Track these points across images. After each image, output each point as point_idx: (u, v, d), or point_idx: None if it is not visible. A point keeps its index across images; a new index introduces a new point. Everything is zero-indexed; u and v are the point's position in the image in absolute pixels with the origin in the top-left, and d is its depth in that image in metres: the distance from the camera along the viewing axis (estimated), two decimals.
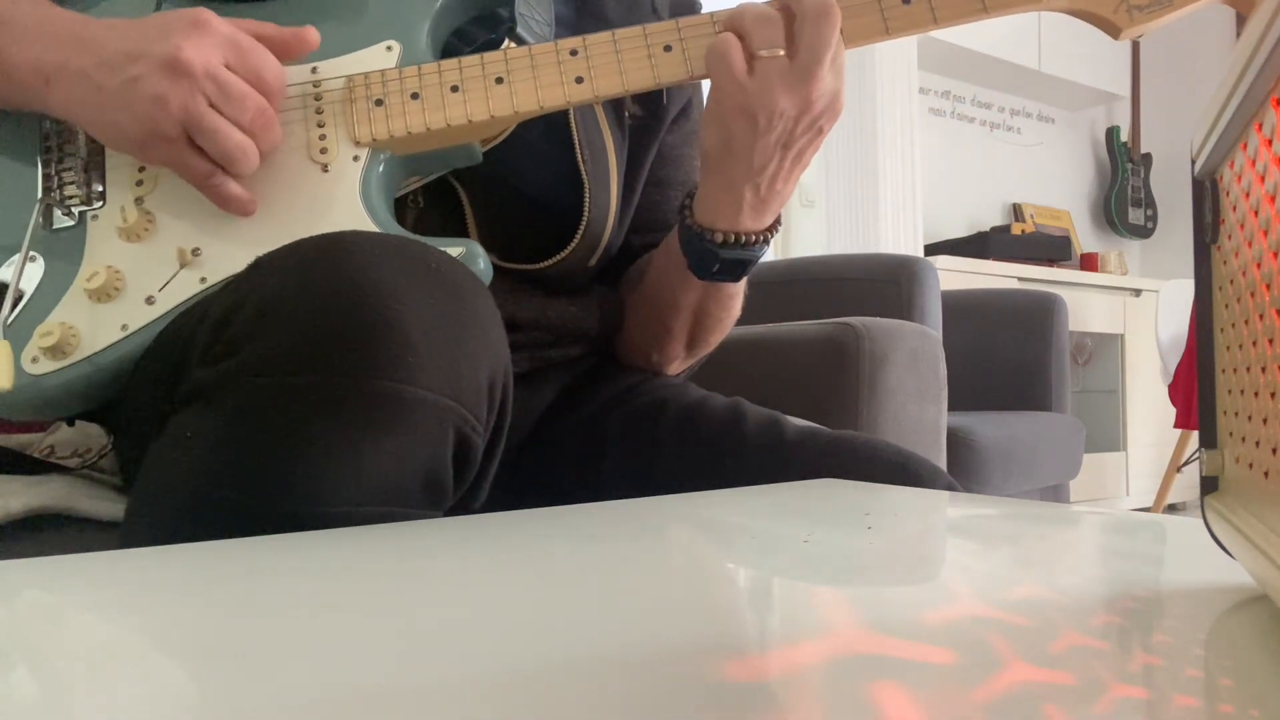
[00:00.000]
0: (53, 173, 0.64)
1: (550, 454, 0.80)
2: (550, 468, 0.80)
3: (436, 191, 0.72)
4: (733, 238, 0.72)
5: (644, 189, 0.85)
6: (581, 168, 0.74)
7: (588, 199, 0.74)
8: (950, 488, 0.74)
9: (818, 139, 0.69)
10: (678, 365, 0.87)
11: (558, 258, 0.74)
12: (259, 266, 0.54)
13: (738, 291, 0.81)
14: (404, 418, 0.49)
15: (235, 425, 0.49)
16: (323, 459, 0.48)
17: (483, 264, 0.61)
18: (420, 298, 0.50)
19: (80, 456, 0.68)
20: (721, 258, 0.73)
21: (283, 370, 0.48)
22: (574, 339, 0.82)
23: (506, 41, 0.72)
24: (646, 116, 0.82)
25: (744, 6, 0.66)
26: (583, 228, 0.74)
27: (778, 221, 0.75)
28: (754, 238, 0.73)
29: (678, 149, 0.88)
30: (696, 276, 0.75)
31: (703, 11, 0.71)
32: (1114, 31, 0.69)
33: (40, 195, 0.64)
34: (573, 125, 0.74)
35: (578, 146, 0.74)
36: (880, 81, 3.14)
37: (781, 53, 0.64)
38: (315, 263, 0.51)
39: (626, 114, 0.80)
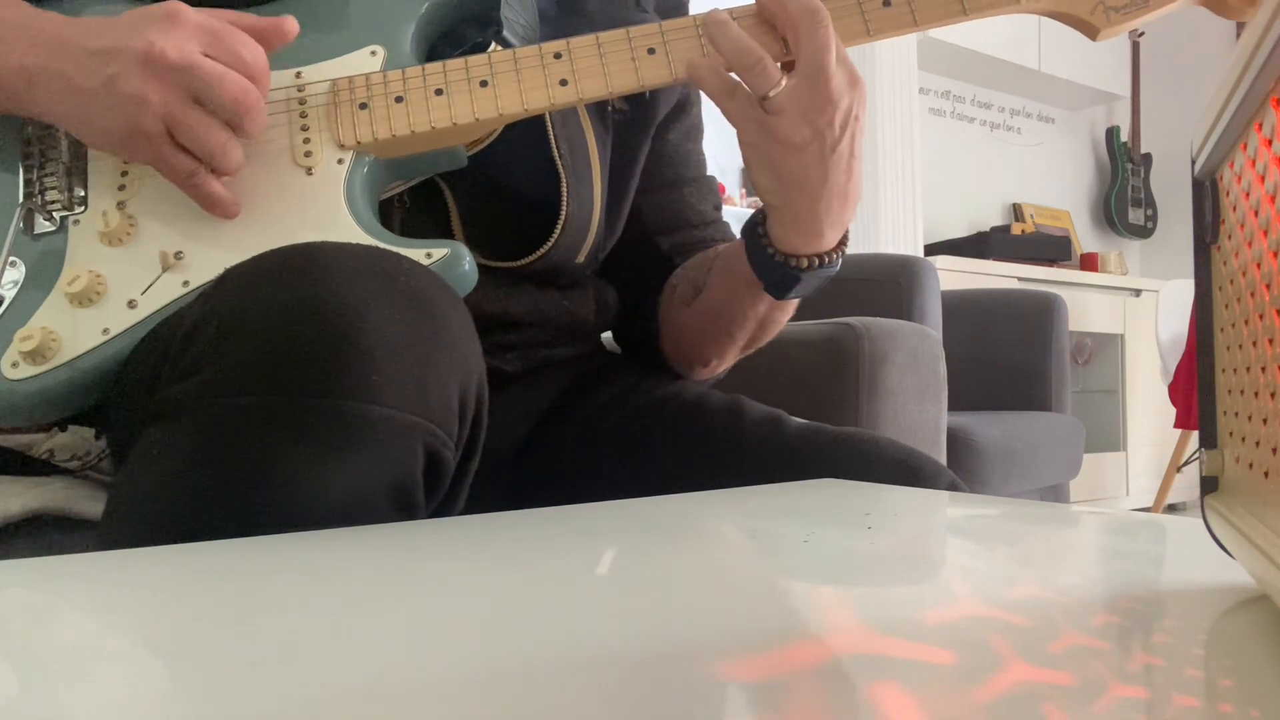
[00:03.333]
0: (34, 178, 0.63)
1: (549, 454, 0.80)
2: (549, 467, 0.80)
3: (423, 192, 0.72)
4: (818, 262, 0.71)
5: (660, 190, 0.85)
6: (558, 162, 0.74)
7: (565, 193, 0.73)
8: (953, 485, 0.74)
9: (858, 125, 0.68)
10: (729, 364, 0.87)
11: (539, 253, 0.73)
12: (225, 280, 0.53)
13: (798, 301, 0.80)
14: (369, 437, 0.48)
15: (198, 446, 0.49)
16: (286, 480, 0.48)
17: (467, 265, 0.60)
18: (386, 312, 0.49)
19: (80, 459, 0.68)
20: (803, 280, 0.72)
21: (244, 391, 0.48)
22: (570, 335, 0.82)
23: (493, 45, 0.72)
24: (632, 112, 0.82)
25: (719, 57, 0.64)
26: (561, 221, 0.73)
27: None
28: (835, 253, 0.72)
29: (682, 145, 0.88)
30: (775, 297, 0.75)
31: (689, 10, 0.71)
32: (1091, 33, 0.69)
33: (21, 200, 0.63)
34: (548, 121, 0.74)
35: (553, 141, 0.74)
36: (880, 81, 3.14)
37: (784, 82, 0.64)
38: (278, 278, 0.50)
39: (610, 108, 0.80)
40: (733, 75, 0.65)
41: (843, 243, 0.73)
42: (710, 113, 0.93)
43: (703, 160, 0.91)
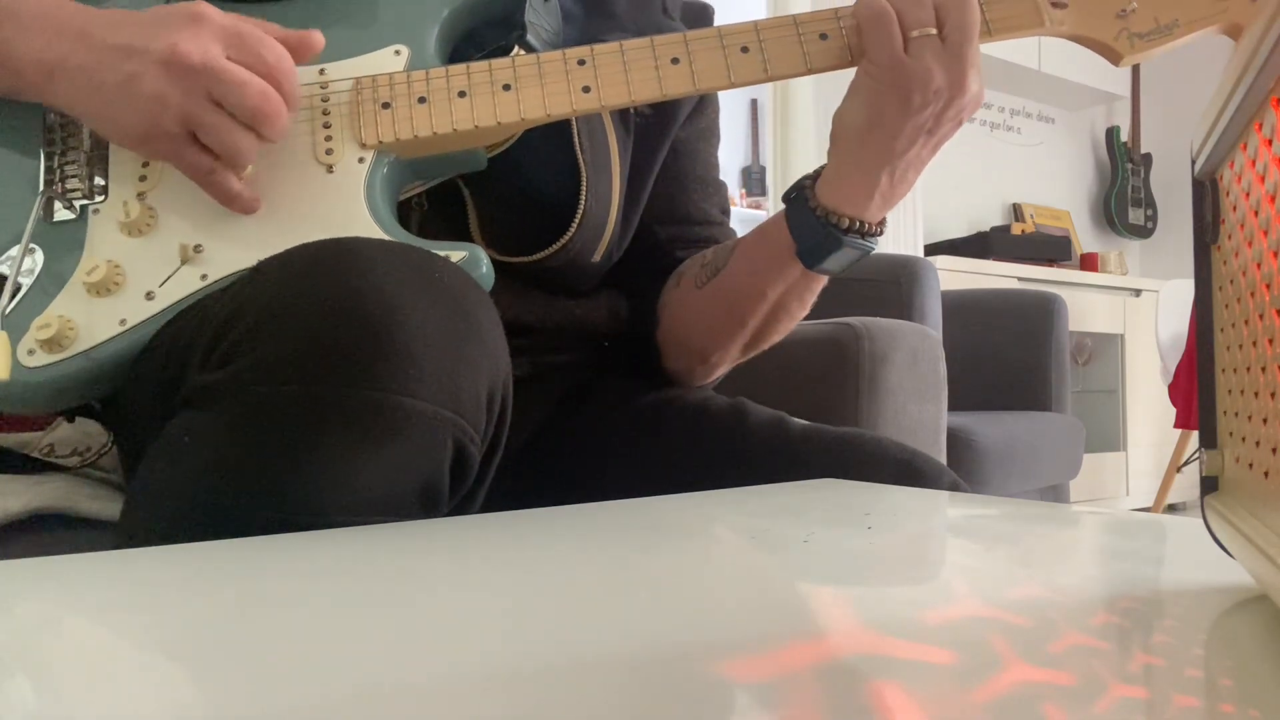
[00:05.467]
0: (55, 165, 0.64)
1: (553, 456, 0.80)
2: (553, 469, 0.80)
3: (440, 192, 0.72)
4: (857, 224, 0.70)
5: (661, 183, 0.84)
6: (579, 157, 0.73)
7: (584, 188, 0.73)
8: (955, 485, 0.74)
9: (956, 130, 0.68)
10: (725, 368, 0.85)
11: (555, 247, 0.73)
12: (260, 271, 0.53)
13: (819, 287, 0.78)
14: (402, 429, 0.49)
15: (232, 432, 0.49)
16: (319, 469, 0.48)
17: (485, 269, 0.61)
18: (421, 307, 0.50)
19: (80, 455, 0.68)
20: (844, 244, 0.71)
21: (281, 379, 0.48)
22: (579, 343, 0.82)
23: (516, 49, 0.72)
24: (654, 116, 0.81)
25: None
26: (579, 216, 0.73)
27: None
28: (874, 229, 0.71)
29: (691, 144, 0.87)
30: (805, 264, 0.73)
31: (713, 18, 0.71)
32: (1114, 58, 0.69)
33: (42, 188, 0.63)
34: (572, 119, 0.74)
35: (576, 136, 0.74)
36: None
37: (933, 31, 0.64)
38: (316, 270, 0.51)
39: (633, 112, 0.80)
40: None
41: (882, 224, 0.72)
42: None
43: (713, 163, 0.91)
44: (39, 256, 0.62)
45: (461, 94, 0.65)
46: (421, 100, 0.65)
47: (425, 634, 0.28)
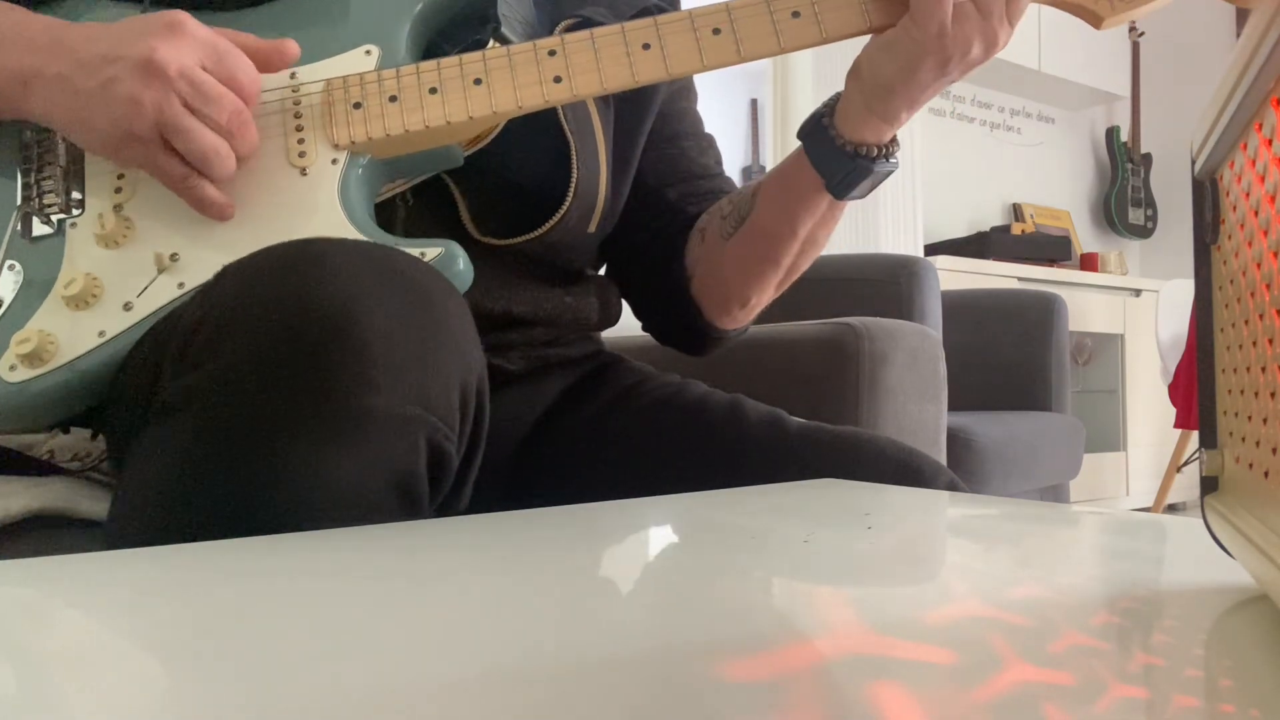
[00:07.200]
0: (32, 182, 0.64)
1: (551, 454, 0.80)
2: (551, 468, 0.80)
3: (426, 188, 0.72)
4: (879, 149, 0.73)
5: (658, 148, 0.85)
6: (564, 126, 0.74)
7: (574, 158, 0.74)
8: (953, 484, 0.74)
9: (968, 70, 0.71)
10: (764, 304, 0.87)
11: (555, 218, 0.73)
12: (224, 276, 0.53)
13: (841, 214, 0.81)
14: (368, 431, 0.48)
15: (199, 442, 0.49)
16: (287, 475, 0.48)
17: (462, 264, 0.61)
18: (383, 306, 0.49)
19: (80, 460, 0.68)
20: (875, 171, 0.73)
21: (242, 386, 0.48)
22: (572, 333, 0.82)
23: (491, 42, 0.72)
24: (633, 94, 0.82)
25: None
26: (573, 184, 0.73)
27: None
28: (893, 148, 0.74)
29: (676, 104, 0.89)
30: (835, 196, 0.75)
31: (681, 8, 0.71)
32: (1095, 21, 0.69)
33: (19, 203, 0.63)
34: None
35: (561, 112, 0.74)
36: None
37: None
38: (275, 274, 0.50)
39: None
40: None
41: (894, 141, 0.74)
42: (712, 111, 0.94)
43: (698, 119, 0.92)
44: (18, 273, 0.61)
45: (433, 90, 0.65)
46: (393, 99, 0.65)
47: (421, 635, 0.28)
